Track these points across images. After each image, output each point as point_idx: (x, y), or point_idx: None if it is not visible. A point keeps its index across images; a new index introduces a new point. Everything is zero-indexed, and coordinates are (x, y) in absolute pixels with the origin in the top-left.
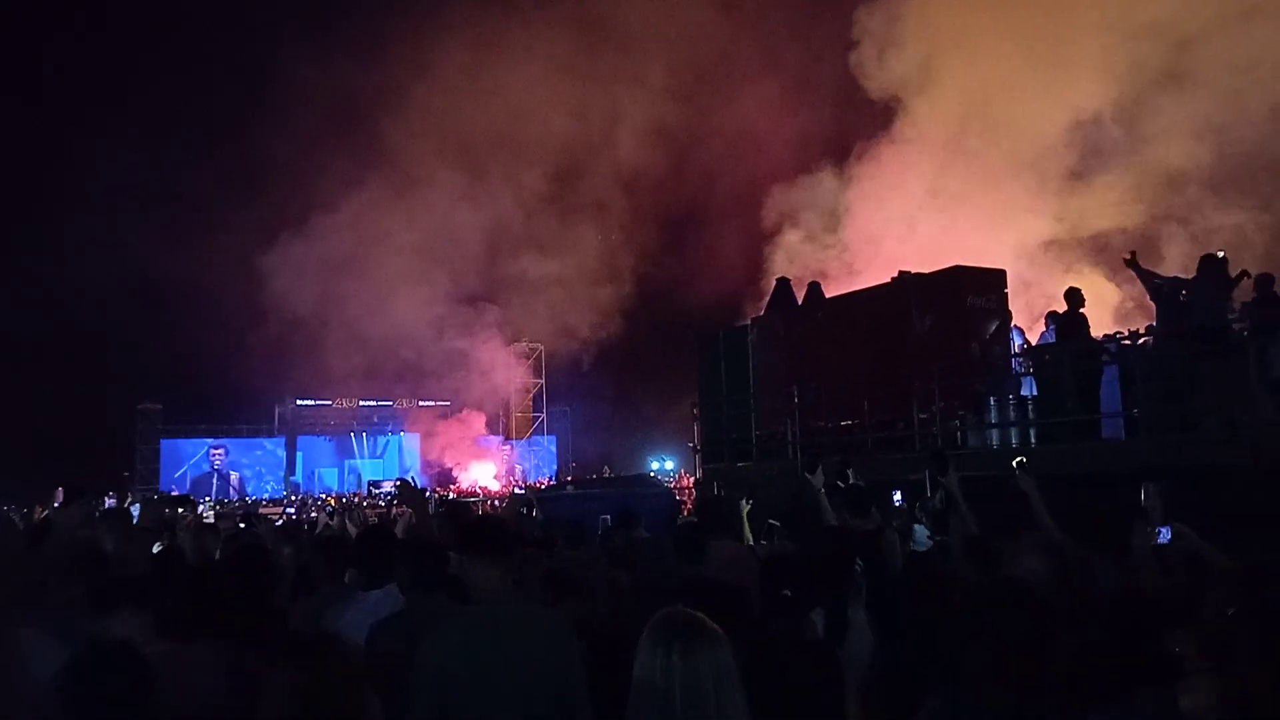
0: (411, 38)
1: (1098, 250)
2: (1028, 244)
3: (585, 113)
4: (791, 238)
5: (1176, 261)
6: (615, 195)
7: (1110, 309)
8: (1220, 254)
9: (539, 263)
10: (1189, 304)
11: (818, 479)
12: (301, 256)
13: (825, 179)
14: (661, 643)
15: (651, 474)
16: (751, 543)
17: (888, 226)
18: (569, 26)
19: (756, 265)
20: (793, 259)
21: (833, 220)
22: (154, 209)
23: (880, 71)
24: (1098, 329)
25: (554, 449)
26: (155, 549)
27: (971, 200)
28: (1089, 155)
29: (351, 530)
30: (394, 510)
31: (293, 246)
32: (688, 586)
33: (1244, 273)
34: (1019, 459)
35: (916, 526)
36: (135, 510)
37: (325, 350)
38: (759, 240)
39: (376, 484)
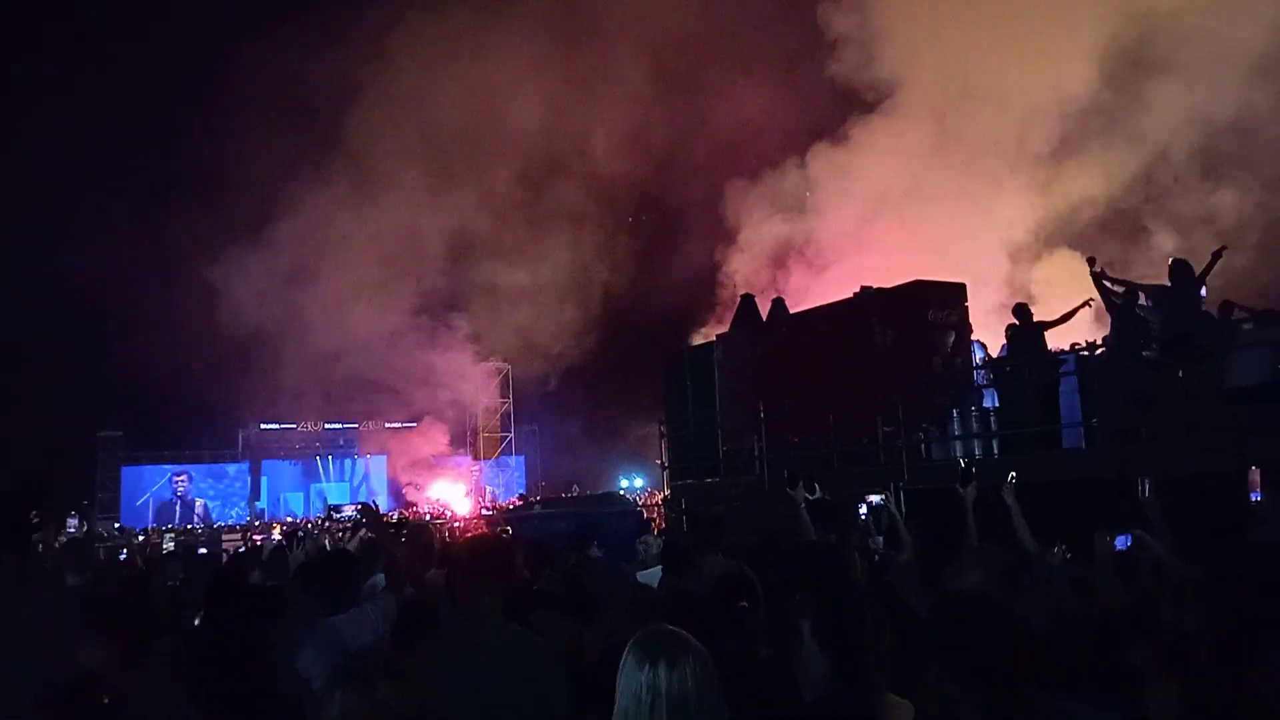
0: (376, 33)
1: (1081, 237)
2: (1007, 233)
3: (552, 117)
4: (761, 245)
5: (1166, 245)
6: (584, 208)
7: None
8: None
9: (507, 278)
10: (1146, 315)
11: (799, 494)
12: (260, 272)
13: (800, 183)
14: (646, 659)
15: (620, 492)
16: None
17: (864, 224)
18: (539, 21)
19: (727, 277)
20: (762, 267)
21: (806, 223)
22: (103, 221)
23: (858, 63)
24: (1080, 320)
25: (522, 469)
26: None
27: (950, 191)
28: (1072, 141)
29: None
30: (356, 535)
31: (251, 261)
32: (675, 601)
33: (1206, 269)
34: (1012, 474)
35: (880, 538)
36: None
37: (288, 373)
38: (728, 251)
39: (337, 508)
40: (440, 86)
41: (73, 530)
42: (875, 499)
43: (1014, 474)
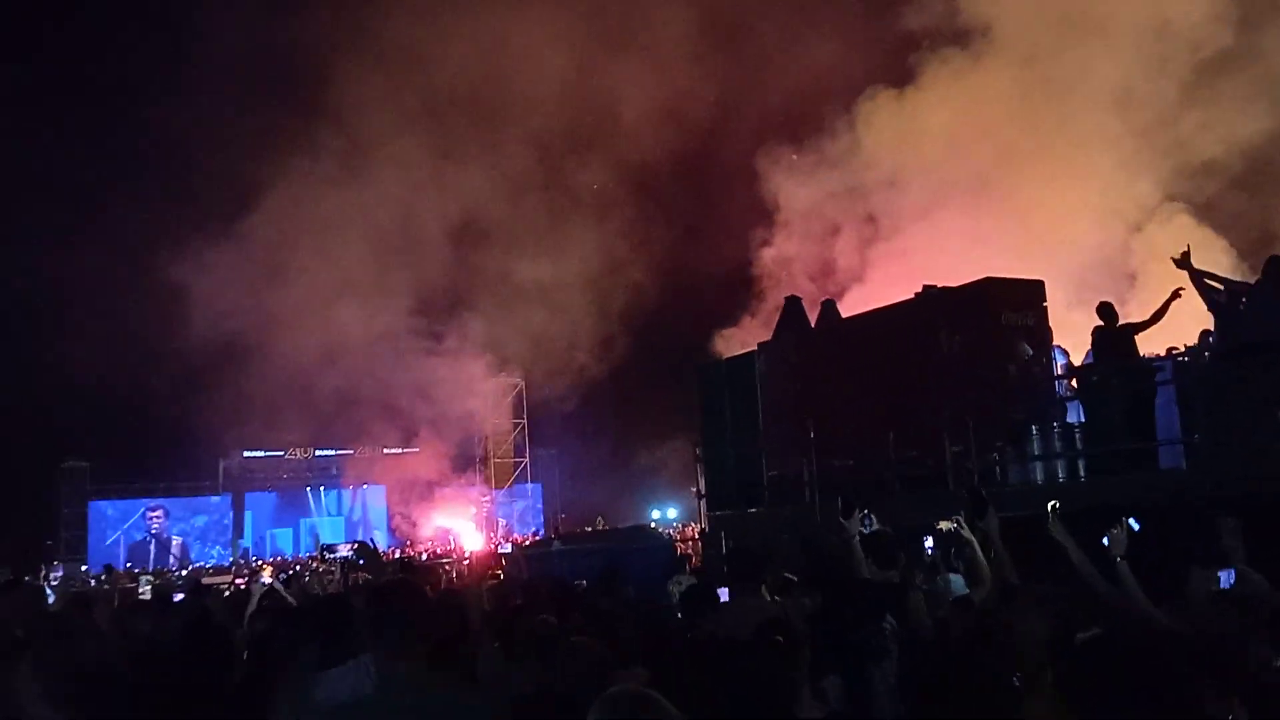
0: None
1: (1204, 205)
2: (1109, 200)
3: (573, 82)
4: (808, 225)
5: None
6: (610, 192)
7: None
8: None
9: (521, 277)
10: (1247, 315)
11: (853, 525)
12: (238, 276)
13: (853, 146)
14: None
15: (651, 525)
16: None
17: (932, 197)
18: None
19: (769, 267)
20: (809, 252)
21: (861, 195)
22: (61, 216)
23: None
24: (1185, 319)
25: (539, 499)
26: None
27: (1040, 151)
28: (1193, 86)
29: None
30: (350, 577)
31: (227, 263)
32: (691, 646)
33: None
34: (1053, 503)
35: (953, 576)
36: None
37: (274, 393)
38: (769, 235)
39: (330, 548)
40: (441, 46)
41: (56, 582)
42: (945, 525)
43: (1055, 503)
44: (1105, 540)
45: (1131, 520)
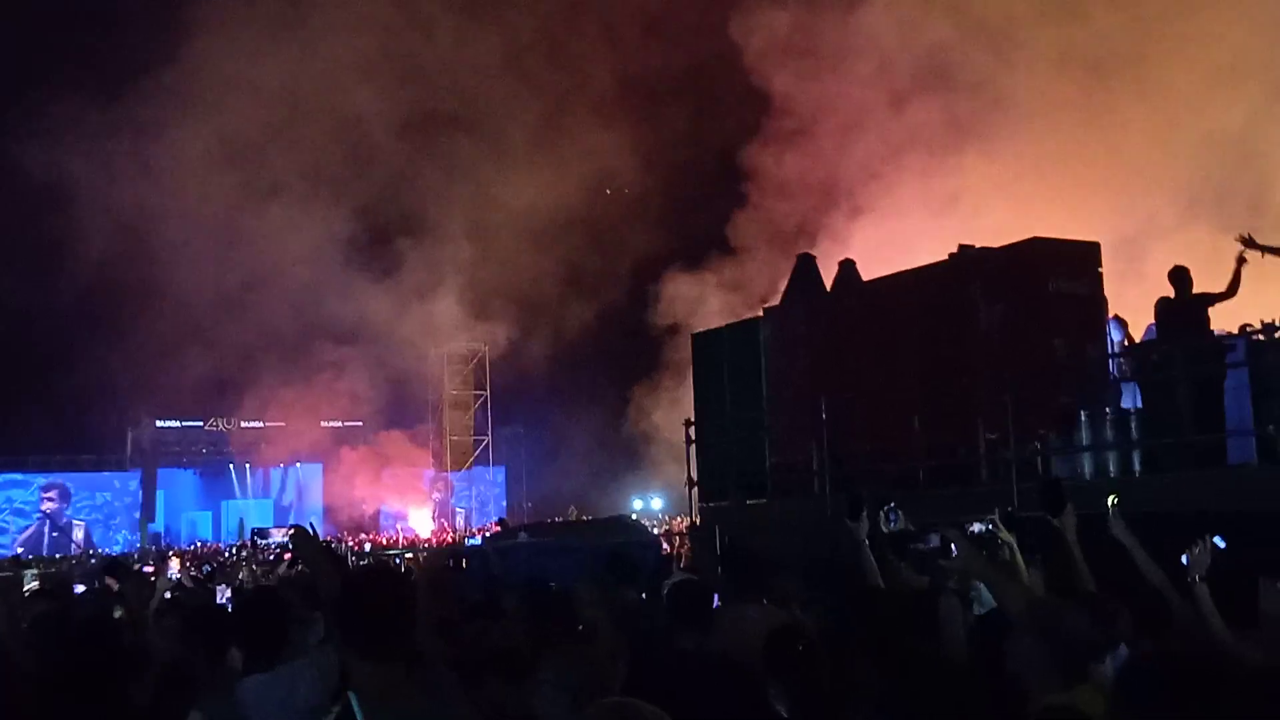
0: None
1: None
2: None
3: None
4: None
5: None
6: (600, 93)
7: None
8: None
9: (480, 226)
10: None
11: (861, 527)
12: (147, 196)
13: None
14: None
15: (633, 516)
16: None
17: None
18: None
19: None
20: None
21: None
22: None
23: None
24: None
25: (503, 484)
26: None
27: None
28: None
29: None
30: (283, 569)
31: (129, 163)
32: (687, 666)
33: None
34: (1113, 497)
35: (981, 585)
36: None
37: (193, 351)
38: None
39: (262, 532)
40: None
41: None
42: (979, 526)
43: (1115, 497)
44: (1184, 559)
45: (1218, 538)
